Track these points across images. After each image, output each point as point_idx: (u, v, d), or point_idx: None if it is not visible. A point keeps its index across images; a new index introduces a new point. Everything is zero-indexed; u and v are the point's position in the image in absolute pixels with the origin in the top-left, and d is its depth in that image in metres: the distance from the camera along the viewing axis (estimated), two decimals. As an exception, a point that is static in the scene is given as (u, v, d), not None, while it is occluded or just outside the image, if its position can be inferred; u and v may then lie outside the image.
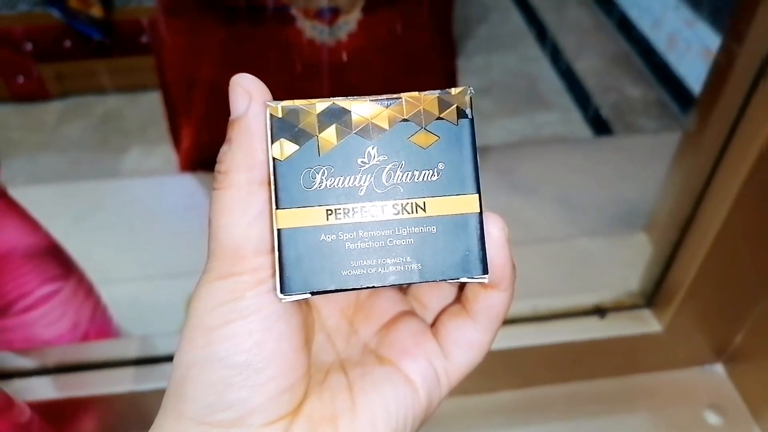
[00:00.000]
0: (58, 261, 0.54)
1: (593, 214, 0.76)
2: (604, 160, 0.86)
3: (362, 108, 0.19)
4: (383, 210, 0.19)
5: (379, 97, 0.20)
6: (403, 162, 0.19)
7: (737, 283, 0.53)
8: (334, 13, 0.63)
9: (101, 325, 0.57)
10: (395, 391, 0.22)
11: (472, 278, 0.20)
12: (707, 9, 1.80)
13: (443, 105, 0.20)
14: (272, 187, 0.19)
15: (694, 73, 1.86)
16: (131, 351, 0.53)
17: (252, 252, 0.20)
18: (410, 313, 0.25)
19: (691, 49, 1.87)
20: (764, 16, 0.41)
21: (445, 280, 0.20)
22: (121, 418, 0.53)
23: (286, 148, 0.19)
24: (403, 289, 0.27)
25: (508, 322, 0.55)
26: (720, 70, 0.47)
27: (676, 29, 1.96)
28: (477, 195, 0.20)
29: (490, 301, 0.23)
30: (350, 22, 0.64)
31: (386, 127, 0.19)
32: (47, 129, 1.83)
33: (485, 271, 0.20)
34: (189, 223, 0.74)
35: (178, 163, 0.84)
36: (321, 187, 0.19)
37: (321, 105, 0.19)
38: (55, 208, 0.75)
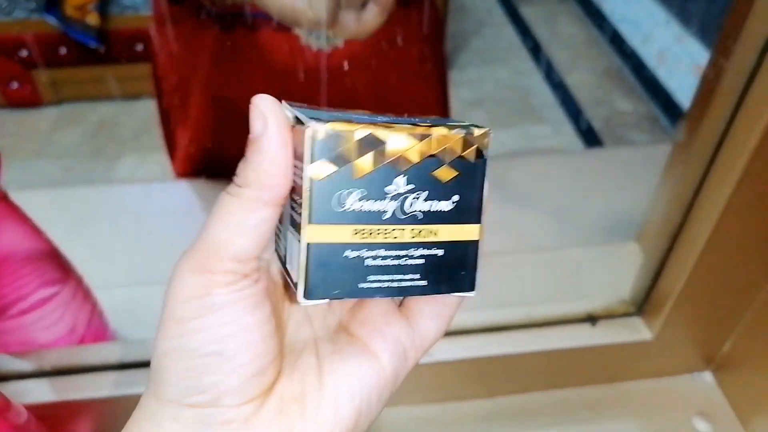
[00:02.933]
0: (56, 265, 0.54)
1: (585, 224, 0.77)
2: (596, 172, 0.87)
3: (397, 140, 0.21)
4: (403, 233, 0.22)
5: (414, 131, 0.21)
6: (426, 192, 0.22)
7: (726, 292, 0.54)
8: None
9: (97, 329, 0.57)
10: (360, 370, 0.24)
11: (463, 294, 0.23)
12: (697, 25, 1.83)
13: (466, 145, 0.22)
14: (307, 202, 0.21)
15: (683, 87, 1.89)
16: (127, 354, 0.53)
17: (230, 257, 0.21)
18: None
19: (681, 64, 1.90)
20: (751, 33, 0.43)
21: (441, 293, 0.23)
22: (117, 420, 0.53)
23: (323, 169, 0.21)
24: None
25: (502, 329, 0.56)
26: (709, 84, 0.48)
27: (666, 45, 1.99)
28: (479, 225, 0.23)
29: None
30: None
31: (416, 160, 0.21)
32: (41, 136, 1.83)
33: (473, 288, 0.23)
34: (184, 228, 0.75)
35: (173, 170, 0.84)
36: (351, 209, 0.21)
37: (360, 133, 0.21)
38: (52, 213, 0.75)
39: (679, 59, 1.91)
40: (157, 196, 0.83)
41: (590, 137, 1.95)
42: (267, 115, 0.21)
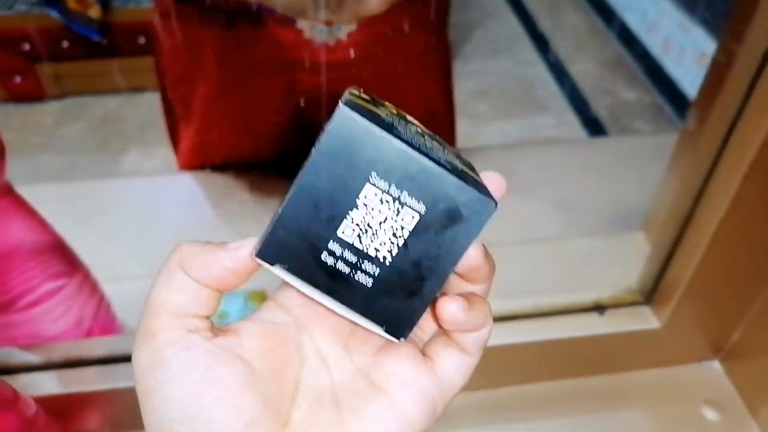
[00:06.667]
0: (63, 258, 0.54)
1: (591, 214, 0.77)
2: (601, 161, 0.87)
3: None
4: None
5: None
6: None
7: (735, 281, 0.54)
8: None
9: (105, 322, 0.57)
10: (389, 428, 0.23)
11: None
12: (702, 14, 1.82)
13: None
14: None
15: (688, 76, 1.88)
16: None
17: (166, 312, 0.22)
18: None
19: (686, 53, 1.89)
20: (763, 17, 0.42)
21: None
22: (125, 413, 0.53)
23: None
24: None
25: (510, 318, 0.56)
26: (719, 70, 0.48)
27: (671, 34, 1.98)
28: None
29: (478, 334, 0.25)
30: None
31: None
32: (45, 130, 1.83)
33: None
34: (189, 221, 0.75)
35: (177, 163, 0.84)
36: None
37: None
38: (58, 206, 0.75)
39: (684, 48, 1.90)
40: (162, 188, 0.83)
41: (595, 127, 1.94)
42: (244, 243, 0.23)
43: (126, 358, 0.52)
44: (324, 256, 0.22)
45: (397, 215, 0.22)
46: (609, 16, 2.33)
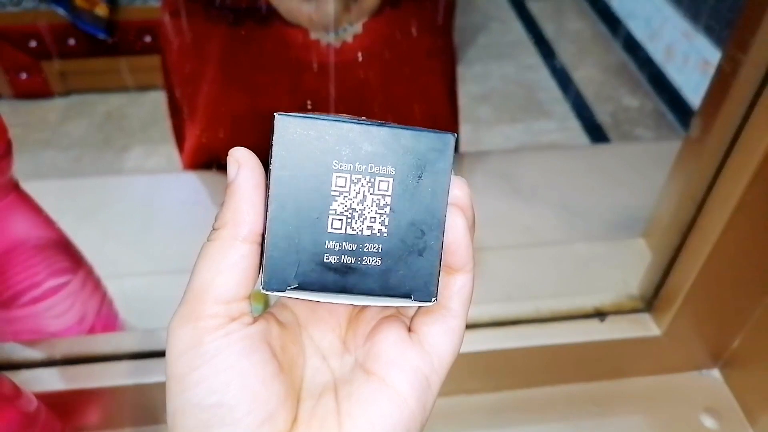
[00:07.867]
0: (67, 254, 0.54)
1: (592, 219, 0.77)
2: (602, 167, 0.87)
3: None
4: None
5: None
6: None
7: (735, 290, 0.54)
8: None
9: (107, 319, 0.57)
10: (380, 409, 0.23)
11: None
12: (706, 22, 1.82)
13: None
14: None
15: (691, 84, 1.88)
16: (136, 344, 0.53)
17: (213, 299, 0.22)
18: (390, 317, 0.26)
19: (689, 60, 1.89)
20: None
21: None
22: (126, 409, 0.53)
23: None
24: None
25: (510, 323, 0.56)
26: (723, 78, 0.48)
27: (673, 41, 1.98)
28: None
29: (460, 283, 0.24)
30: (356, 24, 0.65)
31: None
32: (50, 126, 1.84)
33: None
34: (192, 219, 0.75)
35: (181, 162, 0.84)
36: None
37: None
38: (61, 203, 0.76)
39: (687, 56, 1.90)
40: (166, 187, 0.83)
41: (596, 133, 1.94)
42: (240, 161, 0.22)
43: (127, 356, 0.52)
44: (326, 257, 0.22)
45: (372, 188, 0.22)
46: (613, 22, 2.34)
